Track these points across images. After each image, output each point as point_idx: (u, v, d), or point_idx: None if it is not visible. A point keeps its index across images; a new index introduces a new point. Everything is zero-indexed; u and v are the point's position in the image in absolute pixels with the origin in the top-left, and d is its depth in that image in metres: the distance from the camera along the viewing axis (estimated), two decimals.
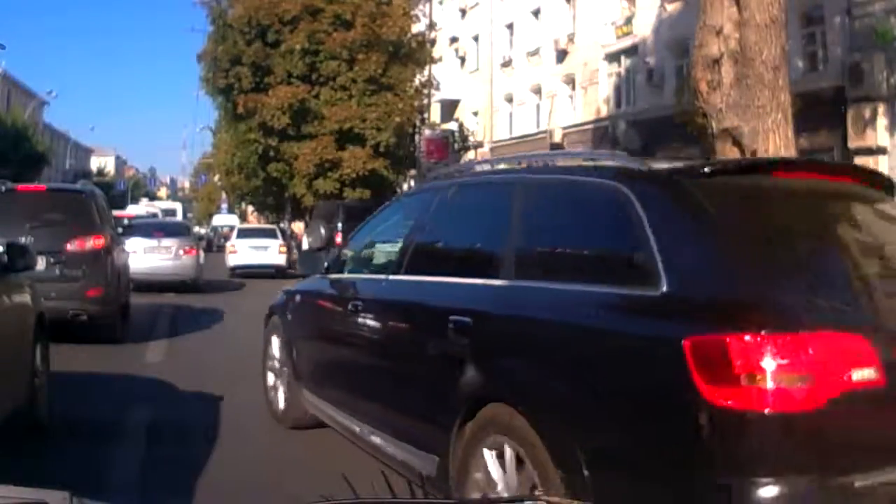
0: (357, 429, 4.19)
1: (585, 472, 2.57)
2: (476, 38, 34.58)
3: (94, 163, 74.96)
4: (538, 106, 30.05)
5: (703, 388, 2.31)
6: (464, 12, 35.38)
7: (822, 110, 15.40)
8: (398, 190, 24.60)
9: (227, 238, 28.28)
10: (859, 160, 16.07)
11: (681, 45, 19.88)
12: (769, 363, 2.28)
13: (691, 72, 6.91)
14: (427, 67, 27.54)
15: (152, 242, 16.40)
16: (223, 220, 46.59)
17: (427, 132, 29.64)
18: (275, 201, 31.35)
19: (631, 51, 24.80)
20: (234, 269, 21.18)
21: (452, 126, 31.65)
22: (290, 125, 24.26)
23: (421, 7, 28.30)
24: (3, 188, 8.78)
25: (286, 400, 5.34)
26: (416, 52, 26.40)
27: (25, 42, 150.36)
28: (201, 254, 18.73)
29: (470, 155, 31.06)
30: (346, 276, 4.87)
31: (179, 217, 38.44)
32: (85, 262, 8.62)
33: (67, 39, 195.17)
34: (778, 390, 2.29)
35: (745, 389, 2.29)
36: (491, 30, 33.11)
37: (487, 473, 2.97)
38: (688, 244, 2.71)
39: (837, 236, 3.00)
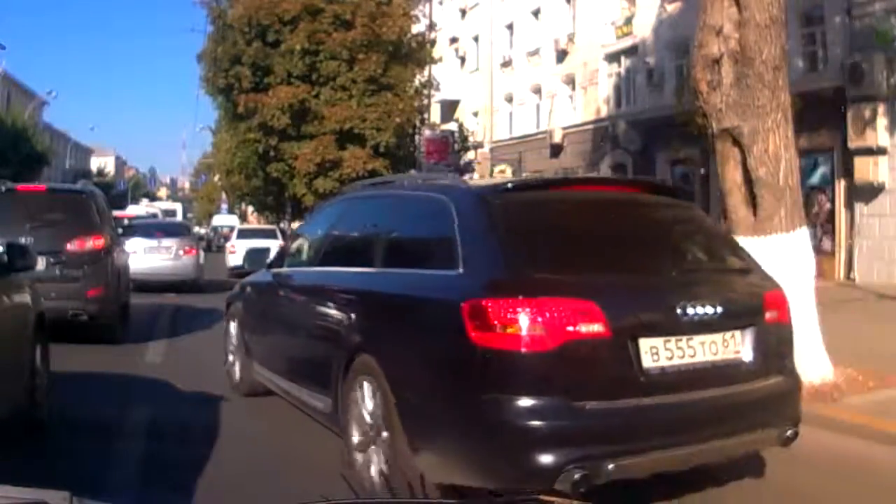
0: (286, 387, 5.33)
1: (412, 399, 3.73)
2: (476, 39, 34.58)
3: (94, 163, 74.94)
4: (538, 106, 30.05)
5: (472, 335, 3.43)
6: (464, 12, 35.38)
7: (822, 110, 15.40)
8: None
9: (227, 238, 28.23)
10: (859, 160, 16.10)
11: (681, 45, 19.88)
12: (513, 318, 3.37)
13: (691, 72, 6.92)
14: (427, 68, 27.51)
15: (152, 242, 16.41)
16: (223, 220, 46.55)
17: (427, 132, 29.59)
18: (275, 201, 31.31)
19: (631, 51, 24.79)
20: (234, 269, 21.15)
21: (452, 126, 31.61)
22: (290, 125, 24.20)
23: (421, 7, 28.26)
24: (3, 188, 8.78)
25: (240, 372, 6.30)
26: (416, 53, 26.33)
27: (25, 42, 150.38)
28: (201, 254, 18.73)
29: (470, 155, 31.08)
30: (283, 269, 5.96)
31: (179, 217, 38.49)
32: (85, 262, 8.62)
33: (67, 39, 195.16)
34: (520, 336, 3.36)
35: (498, 335, 3.38)
36: (491, 30, 33.11)
37: (360, 402, 4.10)
38: (479, 240, 3.82)
39: (599, 232, 4.03)
